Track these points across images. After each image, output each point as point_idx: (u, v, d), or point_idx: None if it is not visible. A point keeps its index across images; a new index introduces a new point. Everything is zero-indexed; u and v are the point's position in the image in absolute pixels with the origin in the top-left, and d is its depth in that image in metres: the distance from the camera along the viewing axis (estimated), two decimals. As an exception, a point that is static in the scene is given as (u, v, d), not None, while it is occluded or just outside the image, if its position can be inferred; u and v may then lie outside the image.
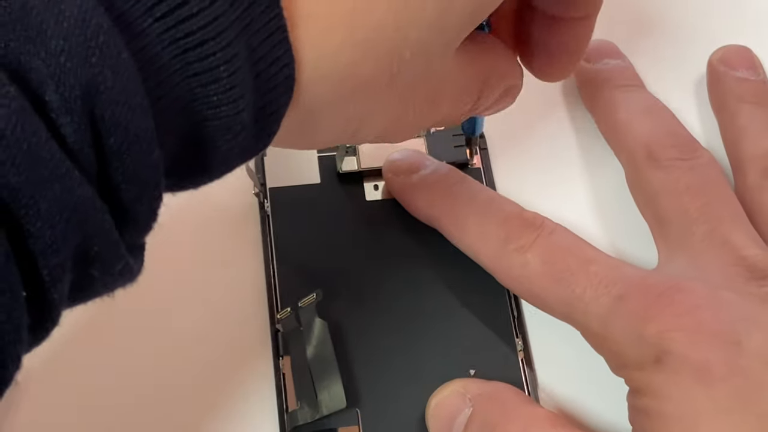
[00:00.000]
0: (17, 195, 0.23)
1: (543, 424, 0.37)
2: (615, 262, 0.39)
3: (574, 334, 0.39)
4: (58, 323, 0.26)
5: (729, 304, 0.37)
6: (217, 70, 0.26)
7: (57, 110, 0.24)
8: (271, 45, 0.27)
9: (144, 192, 0.26)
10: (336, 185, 0.45)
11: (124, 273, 0.27)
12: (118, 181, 0.25)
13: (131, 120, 0.25)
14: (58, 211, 0.24)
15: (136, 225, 0.27)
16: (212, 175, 0.29)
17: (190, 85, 0.26)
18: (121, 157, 0.25)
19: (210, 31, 0.26)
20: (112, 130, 0.24)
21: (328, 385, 0.39)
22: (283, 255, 0.43)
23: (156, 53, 0.25)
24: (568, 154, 0.48)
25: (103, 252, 0.25)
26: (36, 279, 0.24)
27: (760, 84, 0.48)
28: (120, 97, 0.24)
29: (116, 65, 0.24)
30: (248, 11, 0.26)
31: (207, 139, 0.27)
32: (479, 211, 0.42)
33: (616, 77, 0.47)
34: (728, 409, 0.34)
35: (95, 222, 0.25)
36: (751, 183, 0.44)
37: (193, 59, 0.26)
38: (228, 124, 0.27)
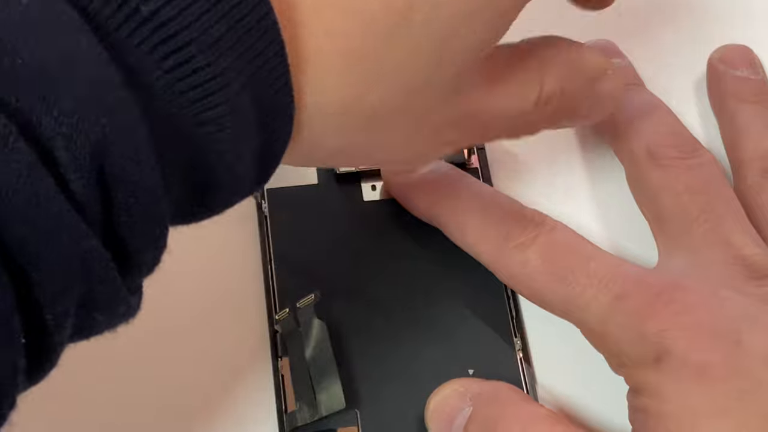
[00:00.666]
0: (25, 246, 0.23)
1: (543, 422, 0.37)
2: (615, 260, 0.39)
3: (573, 333, 0.39)
4: (57, 365, 0.27)
5: (729, 303, 0.37)
6: (222, 121, 0.27)
7: (66, 167, 0.24)
8: (275, 92, 0.28)
9: (149, 243, 0.27)
10: (333, 186, 0.45)
11: (126, 314, 0.27)
12: (125, 233, 0.26)
13: (140, 176, 0.25)
14: (64, 262, 0.24)
15: (140, 271, 0.27)
16: (213, 213, 0.30)
17: (195, 134, 0.26)
18: (129, 211, 0.25)
19: (218, 83, 0.26)
20: (120, 186, 0.25)
21: (327, 386, 0.39)
22: (281, 256, 0.43)
23: (163, 106, 0.26)
24: (568, 153, 0.47)
25: (106, 298, 0.26)
26: (39, 326, 0.25)
27: (760, 83, 0.47)
28: (130, 154, 0.25)
29: (126, 124, 0.25)
30: (255, 61, 0.27)
31: (211, 184, 0.28)
32: (479, 209, 0.41)
33: (615, 76, 0.47)
34: (728, 409, 0.34)
35: (100, 272, 0.25)
36: (750, 182, 0.44)
37: (200, 110, 0.26)
38: (231, 169, 0.28)
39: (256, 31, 0.27)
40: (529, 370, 0.42)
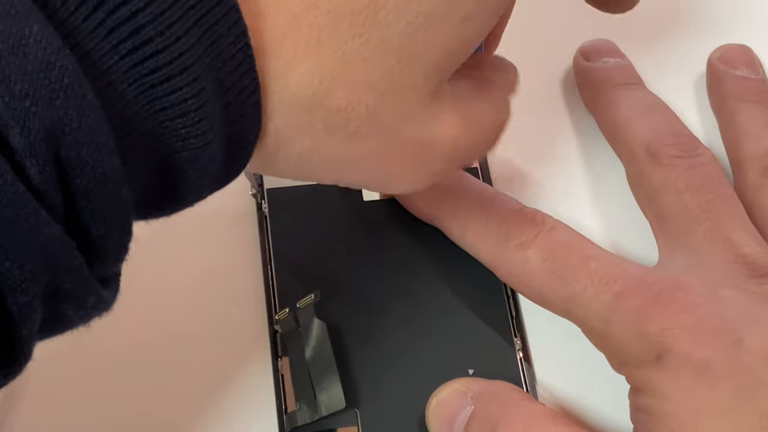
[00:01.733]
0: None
1: (544, 420, 0.37)
2: (616, 259, 0.39)
3: (573, 333, 0.39)
4: (31, 358, 0.26)
5: (729, 302, 0.37)
6: (184, 104, 0.26)
7: (22, 153, 0.23)
8: (239, 75, 0.27)
9: (113, 229, 0.26)
10: (334, 186, 0.45)
11: (97, 306, 0.27)
12: (87, 219, 0.25)
13: (98, 160, 0.25)
14: (25, 251, 0.24)
15: (107, 260, 0.27)
16: (185, 203, 0.29)
17: (157, 119, 0.26)
18: (88, 196, 0.25)
19: (176, 66, 0.26)
20: (78, 171, 0.24)
21: (327, 386, 0.39)
22: (281, 256, 0.43)
23: (122, 90, 0.25)
24: (568, 153, 0.47)
25: (74, 288, 0.26)
26: (5, 317, 0.24)
27: (759, 83, 0.47)
28: (85, 138, 0.24)
29: (81, 107, 0.24)
30: (215, 45, 0.26)
31: (177, 170, 0.28)
32: (480, 209, 0.41)
33: (615, 76, 0.47)
34: (729, 408, 0.34)
35: (64, 260, 0.25)
36: (750, 182, 0.44)
37: (160, 94, 0.26)
38: (197, 155, 0.27)
39: (216, 14, 0.26)
40: (529, 369, 0.41)
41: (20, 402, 0.40)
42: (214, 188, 0.30)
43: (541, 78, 0.49)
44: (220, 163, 0.28)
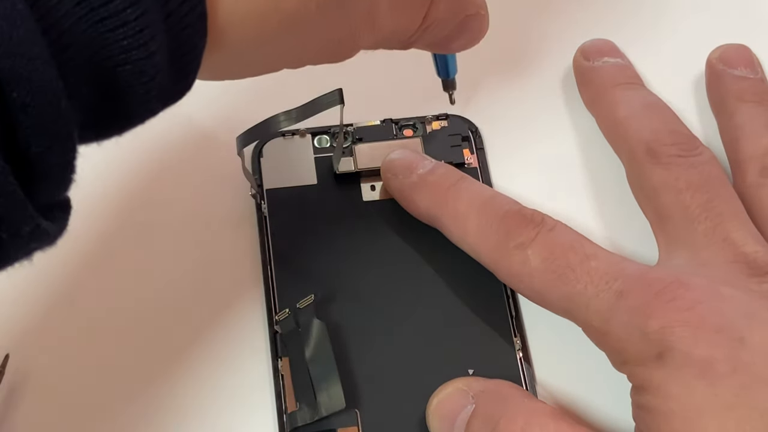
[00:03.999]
0: None
1: (545, 418, 0.37)
2: (616, 258, 0.39)
3: (572, 332, 0.39)
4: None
5: (730, 300, 0.37)
6: (123, 14, 0.26)
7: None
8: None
9: (55, 143, 0.25)
10: (333, 186, 0.45)
11: (37, 235, 0.26)
12: (27, 135, 0.25)
13: (33, 72, 0.24)
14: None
15: (50, 180, 0.26)
16: (135, 121, 0.29)
17: (97, 30, 0.26)
18: (26, 110, 0.24)
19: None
20: (13, 84, 0.24)
21: (327, 386, 0.39)
22: (281, 256, 0.43)
23: (57, 2, 0.25)
24: (568, 152, 0.47)
25: (7, 214, 0.25)
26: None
27: (758, 82, 0.47)
28: (17, 50, 0.24)
29: (11, 17, 0.24)
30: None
31: (122, 84, 0.27)
32: (479, 209, 0.41)
33: (615, 75, 0.47)
34: (732, 405, 0.34)
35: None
36: (750, 181, 0.44)
37: (98, 4, 0.25)
38: (141, 67, 0.27)
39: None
40: (529, 369, 0.41)
41: (20, 401, 0.40)
42: (165, 103, 0.29)
43: (541, 78, 0.49)
44: (167, 75, 0.28)
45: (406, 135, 0.46)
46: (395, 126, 0.47)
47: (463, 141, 0.46)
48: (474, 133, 0.47)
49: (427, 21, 0.37)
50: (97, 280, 0.43)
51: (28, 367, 0.41)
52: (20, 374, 0.41)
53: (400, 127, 0.47)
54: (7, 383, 0.40)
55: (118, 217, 0.29)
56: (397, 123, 0.47)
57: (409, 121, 0.47)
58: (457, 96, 0.45)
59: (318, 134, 0.46)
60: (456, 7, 0.38)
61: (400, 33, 0.37)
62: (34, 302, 0.42)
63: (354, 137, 0.46)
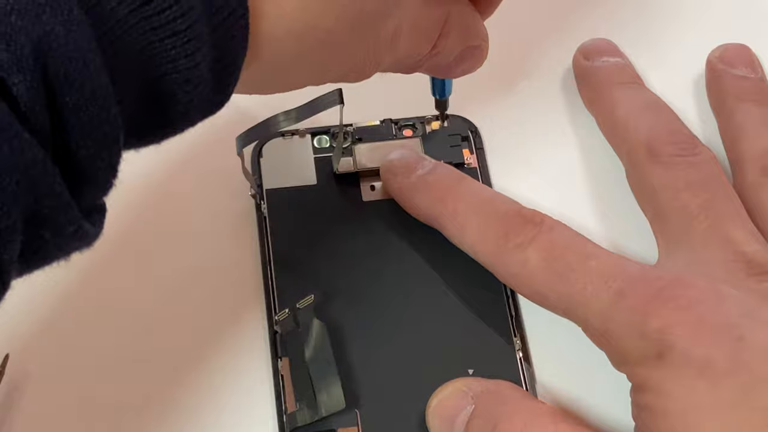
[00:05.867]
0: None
1: (544, 418, 0.37)
2: (615, 257, 0.39)
3: (572, 332, 0.39)
4: (9, 287, 0.26)
5: (730, 300, 0.36)
6: (173, 24, 0.26)
7: (8, 69, 0.23)
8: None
9: (102, 149, 0.26)
10: (332, 186, 0.45)
11: (78, 236, 0.26)
12: (76, 139, 0.25)
13: (86, 76, 0.24)
14: (7, 173, 0.24)
15: (95, 184, 0.26)
16: (175, 130, 0.29)
17: (147, 39, 0.26)
18: (77, 114, 0.25)
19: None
20: (66, 87, 0.24)
21: (327, 386, 0.39)
22: (281, 256, 0.43)
23: (111, 9, 0.25)
24: (567, 152, 0.47)
25: (53, 214, 0.25)
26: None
27: (758, 82, 0.48)
28: (73, 54, 0.24)
29: (68, 22, 0.24)
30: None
31: (166, 93, 0.27)
32: (478, 209, 0.41)
33: (615, 75, 0.47)
34: (732, 404, 0.34)
35: (45, 184, 0.25)
36: (749, 181, 0.44)
37: (150, 13, 0.26)
38: (186, 76, 0.27)
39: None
40: (529, 369, 0.41)
41: (20, 401, 0.40)
42: (204, 114, 0.30)
43: (541, 78, 0.49)
44: (209, 86, 0.28)
45: (406, 135, 0.46)
46: (395, 126, 0.47)
47: (463, 141, 0.46)
48: (473, 133, 0.47)
49: (437, 48, 0.38)
50: (97, 280, 0.43)
51: (28, 367, 0.41)
52: (20, 374, 0.41)
53: (400, 127, 0.47)
54: (7, 383, 0.40)
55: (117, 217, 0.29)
56: (396, 123, 0.47)
57: (409, 121, 0.47)
58: (458, 96, 0.45)
59: (318, 134, 0.46)
60: (463, 38, 0.39)
61: (412, 57, 0.38)
62: (34, 302, 0.42)
63: (354, 137, 0.46)
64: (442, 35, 0.37)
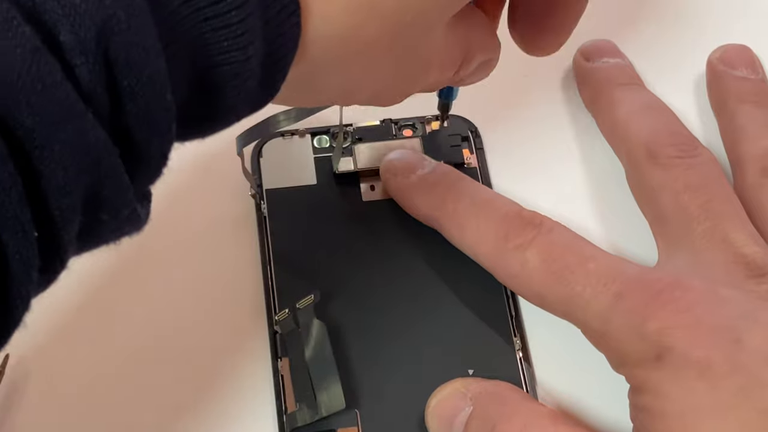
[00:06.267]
0: (31, 135, 0.23)
1: (543, 420, 0.37)
2: (614, 259, 0.39)
3: (572, 332, 0.39)
4: (66, 267, 0.26)
5: (729, 301, 0.36)
6: (228, 15, 0.26)
7: (71, 51, 0.24)
8: None
9: (156, 134, 0.26)
10: (332, 186, 0.45)
11: (132, 219, 0.27)
12: (132, 123, 0.25)
13: (145, 62, 0.25)
14: (70, 153, 0.24)
15: (148, 169, 0.27)
16: (219, 124, 0.30)
17: (201, 29, 0.26)
18: (134, 98, 0.25)
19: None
20: (126, 71, 0.25)
21: (327, 386, 0.39)
22: (281, 256, 0.43)
23: None
24: (567, 153, 0.47)
25: (112, 195, 0.26)
26: (47, 220, 0.24)
27: (759, 83, 0.47)
28: (134, 39, 0.24)
29: (130, 7, 0.24)
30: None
31: (215, 84, 0.28)
32: (478, 210, 0.41)
33: (615, 76, 0.47)
34: (730, 406, 0.34)
35: (107, 165, 0.25)
36: (750, 182, 0.44)
37: (204, 4, 0.26)
38: (237, 69, 0.27)
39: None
40: (529, 369, 0.42)
41: (20, 401, 0.40)
42: (249, 110, 0.30)
43: (541, 78, 0.49)
44: (257, 81, 0.29)
45: (406, 135, 0.46)
46: (395, 126, 0.47)
47: (463, 141, 0.46)
48: (473, 133, 0.47)
49: (459, 74, 0.38)
50: (97, 280, 0.43)
51: (28, 367, 0.41)
52: (20, 374, 0.41)
53: (400, 127, 0.47)
54: (7, 383, 0.40)
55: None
56: (396, 123, 0.47)
57: (409, 121, 0.47)
58: (457, 96, 0.45)
59: (317, 134, 0.46)
60: (483, 52, 0.39)
61: (437, 83, 0.38)
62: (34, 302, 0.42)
63: (353, 137, 0.46)
64: (466, 60, 0.37)
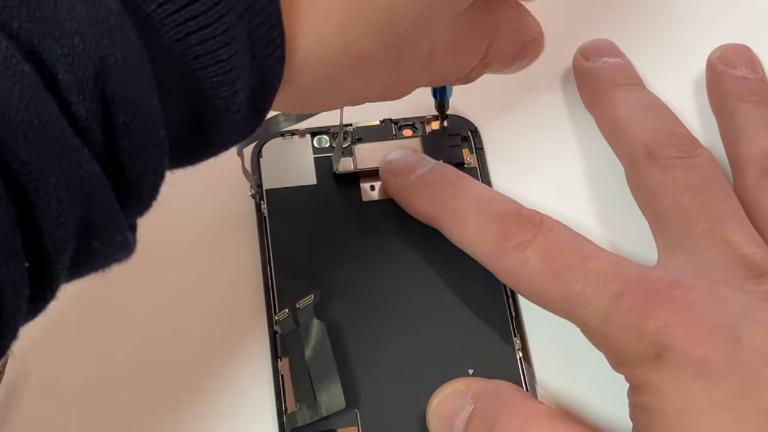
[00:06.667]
0: (27, 169, 0.24)
1: (543, 419, 0.37)
2: (614, 258, 0.39)
3: (572, 332, 0.39)
4: (56, 296, 0.27)
5: (728, 301, 0.36)
6: (217, 53, 0.27)
7: (69, 89, 0.24)
8: (268, 28, 0.28)
9: (149, 169, 0.27)
10: (332, 186, 0.45)
11: (123, 246, 0.28)
12: (125, 158, 0.26)
13: (140, 100, 0.26)
14: (65, 186, 0.25)
15: (139, 201, 0.28)
16: (211, 152, 0.30)
17: (192, 67, 0.27)
18: (129, 135, 0.26)
19: (212, 15, 0.27)
20: (121, 109, 0.25)
21: (327, 386, 0.39)
22: (281, 256, 0.43)
23: (161, 36, 0.26)
24: (567, 153, 0.47)
25: (105, 224, 0.26)
26: (40, 250, 0.25)
27: (759, 83, 0.47)
28: (130, 77, 0.25)
29: (126, 47, 0.25)
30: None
31: (206, 118, 0.28)
32: (478, 209, 0.41)
33: (615, 76, 0.47)
34: (728, 405, 0.34)
35: (100, 196, 0.26)
36: (750, 182, 0.44)
37: (195, 42, 0.27)
38: (227, 104, 0.28)
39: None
40: (529, 369, 0.41)
41: (20, 401, 0.40)
42: (240, 137, 0.31)
43: (541, 78, 0.49)
44: (246, 111, 0.29)
45: (406, 135, 0.46)
46: (394, 126, 0.47)
47: (463, 141, 0.46)
48: (473, 133, 0.47)
49: (488, 58, 0.38)
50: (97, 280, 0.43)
51: (28, 367, 0.41)
52: (20, 374, 0.41)
53: (400, 127, 0.47)
54: (7, 383, 0.40)
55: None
56: (396, 123, 0.47)
57: (409, 121, 0.47)
58: (458, 96, 0.46)
59: (317, 134, 0.46)
60: (517, 39, 0.39)
61: (456, 73, 0.38)
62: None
63: (353, 137, 0.46)
64: (492, 45, 0.38)
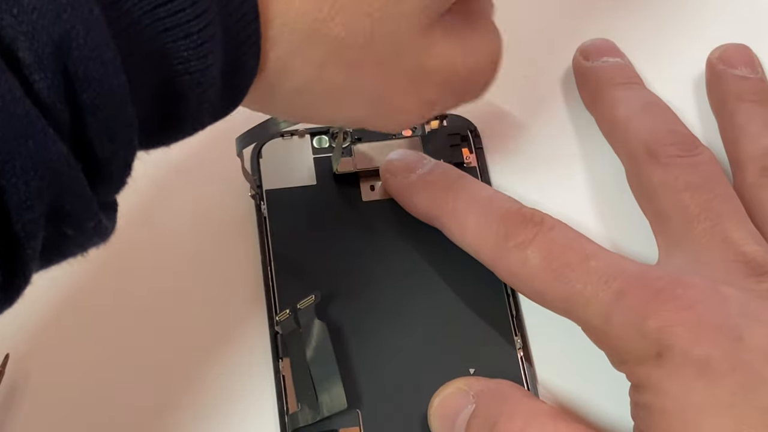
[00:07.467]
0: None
1: (544, 418, 0.37)
2: (615, 257, 0.39)
3: (573, 331, 0.39)
4: (30, 282, 0.26)
5: (729, 299, 0.37)
6: (187, 25, 0.27)
7: (30, 67, 0.24)
8: (240, 1, 0.28)
9: (119, 147, 0.26)
10: (332, 186, 0.45)
11: (97, 231, 0.27)
12: (93, 136, 0.26)
13: (104, 75, 0.25)
14: (32, 168, 0.24)
15: (111, 181, 0.27)
16: (183, 133, 0.30)
17: (161, 40, 0.26)
18: (95, 112, 0.25)
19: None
20: (85, 85, 0.25)
21: (329, 387, 0.39)
22: (281, 257, 0.43)
23: (126, 9, 0.26)
24: (567, 152, 0.47)
25: (75, 209, 0.26)
26: (10, 236, 0.24)
27: (758, 82, 0.47)
28: (92, 53, 0.25)
29: (88, 21, 0.24)
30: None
31: (177, 94, 0.28)
32: (479, 209, 0.41)
33: (615, 75, 0.47)
34: (730, 404, 0.34)
35: (69, 179, 0.25)
36: (750, 181, 0.44)
37: (164, 14, 0.26)
38: (198, 79, 0.28)
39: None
40: (530, 368, 0.42)
41: (20, 401, 0.40)
42: (213, 118, 0.30)
43: (541, 78, 0.49)
44: (219, 89, 0.29)
45: (406, 135, 0.46)
46: (395, 126, 0.47)
47: (463, 141, 0.46)
48: (473, 132, 0.47)
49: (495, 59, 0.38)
50: (97, 280, 0.43)
51: (28, 367, 0.41)
52: (20, 374, 0.41)
53: (400, 126, 0.47)
54: (7, 383, 0.40)
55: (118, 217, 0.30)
56: (396, 123, 0.47)
57: (409, 121, 0.47)
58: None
59: (317, 135, 0.46)
60: None
61: (447, 106, 0.38)
62: (34, 302, 0.42)
63: (353, 137, 0.46)
64: None
